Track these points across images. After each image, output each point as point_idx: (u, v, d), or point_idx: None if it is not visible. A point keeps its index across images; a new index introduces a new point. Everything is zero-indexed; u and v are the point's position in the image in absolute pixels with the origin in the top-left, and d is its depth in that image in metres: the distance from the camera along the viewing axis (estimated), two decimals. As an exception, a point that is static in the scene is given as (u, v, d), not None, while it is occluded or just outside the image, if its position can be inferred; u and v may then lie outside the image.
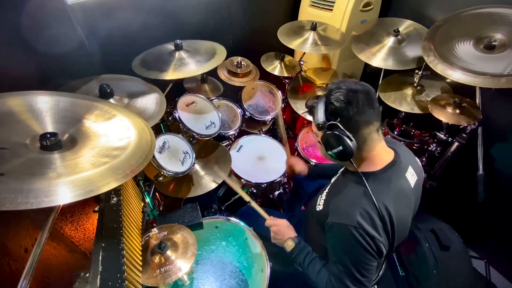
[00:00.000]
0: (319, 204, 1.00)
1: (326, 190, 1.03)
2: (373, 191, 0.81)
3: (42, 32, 1.21)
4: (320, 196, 1.03)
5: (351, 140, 0.81)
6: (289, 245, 1.04)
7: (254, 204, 1.24)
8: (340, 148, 0.82)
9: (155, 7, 1.55)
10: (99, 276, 0.68)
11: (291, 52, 2.13)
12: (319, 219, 0.96)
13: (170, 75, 1.32)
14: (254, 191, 1.59)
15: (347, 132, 0.80)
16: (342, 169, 1.07)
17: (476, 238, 1.75)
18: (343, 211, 0.84)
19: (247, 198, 1.26)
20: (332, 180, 1.08)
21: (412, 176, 0.92)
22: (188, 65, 1.39)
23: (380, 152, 0.89)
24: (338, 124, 0.81)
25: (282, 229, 1.09)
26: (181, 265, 0.94)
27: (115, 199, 0.89)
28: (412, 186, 0.90)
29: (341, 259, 0.84)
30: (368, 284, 0.83)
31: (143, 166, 0.74)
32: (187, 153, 1.30)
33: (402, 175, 0.89)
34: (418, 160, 1.01)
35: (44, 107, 0.79)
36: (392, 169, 0.87)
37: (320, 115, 0.84)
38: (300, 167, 1.45)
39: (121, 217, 0.84)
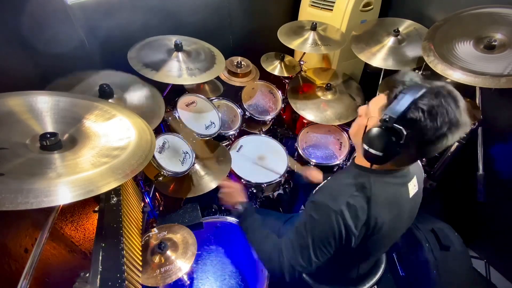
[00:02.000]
0: (316, 191, 0.98)
1: (325, 181, 1.02)
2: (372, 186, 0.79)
3: (42, 32, 1.21)
4: (319, 185, 1.02)
5: (397, 154, 0.71)
6: (238, 209, 1.02)
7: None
8: (380, 154, 0.72)
9: (155, 7, 1.55)
10: (99, 276, 0.68)
11: (291, 52, 2.13)
12: None
13: (166, 78, 1.27)
14: (254, 191, 1.59)
15: (401, 146, 0.69)
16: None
17: (476, 238, 1.75)
18: (331, 193, 0.81)
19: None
20: None
21: (413, 187, 0.89)
22: (185, 72, 1.33)
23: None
24: (404, 136, 0.68)
25: (233, 192, 1.08)
26: (181, 265, 0.95)
27: (115, 199, 0.89)
28: (411, 196, 0.87)
29: (305, 233, 0.80)
30: (313, 267, 0.81)
31: (143, 166, 0.73)
32: (187, 153, 1.31)
33: (404, 184, 0.85)
34: (422, 170, 0.99)
35: (44, 107, 0.79)
36: (395, 175, 0.83)
37: (398, 108, 0.68)
38: (318, 176, 1.41)
39: (121, 217, 0.84)
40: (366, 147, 0.74)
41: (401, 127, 0.68)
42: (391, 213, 0.82)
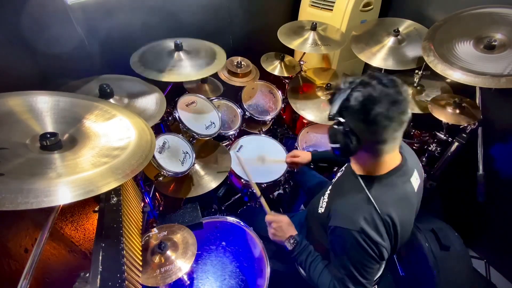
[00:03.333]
0: (321, 206, 0.99)
1: (328, 192, 1.01)
2: (378, 196, 0.80)
3: (42, 32, 1.21)
4: (322, 197, 1.01)
5: (355, 142, 0.80)
6: (290, 244, 1.01)
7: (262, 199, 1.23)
8: (338, 146, 0.84)
9: (155, 7, 1.55)
10: (99, 276, 0.68)
11: (291, 52, 2.13)
12: (321, 221, 0.95)
13: (168, 77, 1.29)
14: (254, 191, 1.59)
15: (352, 134, 0.80)
16: (346, 166, 1.06)
17: (476, 238, 1.75)
18: (347, 215, 0.83)
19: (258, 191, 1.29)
20: (334, 180, 1.07)
21: (416, 180, 0.90)
22: (187, 69, 1.36)
23: (389, 157, 0.86)
24: (345, 123, 0.81)
25: (283, 226, 1.04)
26: (181, 265, 0.95)
27: (115, 199, 0.89)
28: (416, 190, 0.89)
29: (344, 262, 0.84)
30: (369, 286, 0.84)
31: (143, 166, 0.73)
32: (187, 153, 1.30)
33: (407, 180, 0.87)
34: (419, 162, 1.00)
35: (44, 107, 0.79)
36: (398, 173, 0.85)
37: (334, 108, 0.83)
38: (303, 156, 1.45)
39: (121, 217, 0.84)
40: (331, 145, 0.88)
41: (340, 117, 0.81)
42: (404, 211, 0.84)
